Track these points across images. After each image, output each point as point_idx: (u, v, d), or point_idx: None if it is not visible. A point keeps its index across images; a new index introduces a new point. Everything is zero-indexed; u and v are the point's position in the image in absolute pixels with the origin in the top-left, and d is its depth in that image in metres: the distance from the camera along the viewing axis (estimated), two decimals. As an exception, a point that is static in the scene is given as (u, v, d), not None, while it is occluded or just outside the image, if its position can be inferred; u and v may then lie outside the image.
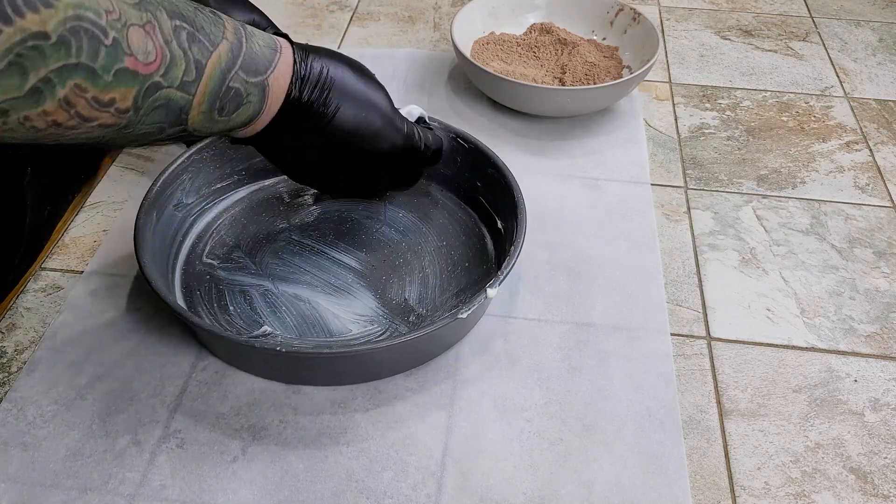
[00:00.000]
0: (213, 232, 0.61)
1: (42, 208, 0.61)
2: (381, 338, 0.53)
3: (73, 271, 0.59)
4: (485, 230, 0.62)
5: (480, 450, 0.48)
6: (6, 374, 0.51)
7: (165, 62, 0.36)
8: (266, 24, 0.61)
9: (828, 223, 0.66)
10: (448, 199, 0.64)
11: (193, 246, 0.59)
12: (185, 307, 0.53)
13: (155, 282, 0.49)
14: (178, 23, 0.37)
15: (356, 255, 0.59)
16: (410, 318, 0.54)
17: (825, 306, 0.58)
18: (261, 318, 0.54)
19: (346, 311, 0.55)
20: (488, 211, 0.61)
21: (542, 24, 0.83)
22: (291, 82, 0.45)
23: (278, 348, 0.46)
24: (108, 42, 0.32)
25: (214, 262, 0.58)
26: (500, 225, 0.59)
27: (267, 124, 0.46)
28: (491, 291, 0.49)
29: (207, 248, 0.59)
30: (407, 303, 0.55)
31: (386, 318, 0.54)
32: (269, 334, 0.50)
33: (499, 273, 0.51)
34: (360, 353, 0.48)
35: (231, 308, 0.55)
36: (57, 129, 0.34)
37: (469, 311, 0.48)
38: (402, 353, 0.50)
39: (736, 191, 0.69)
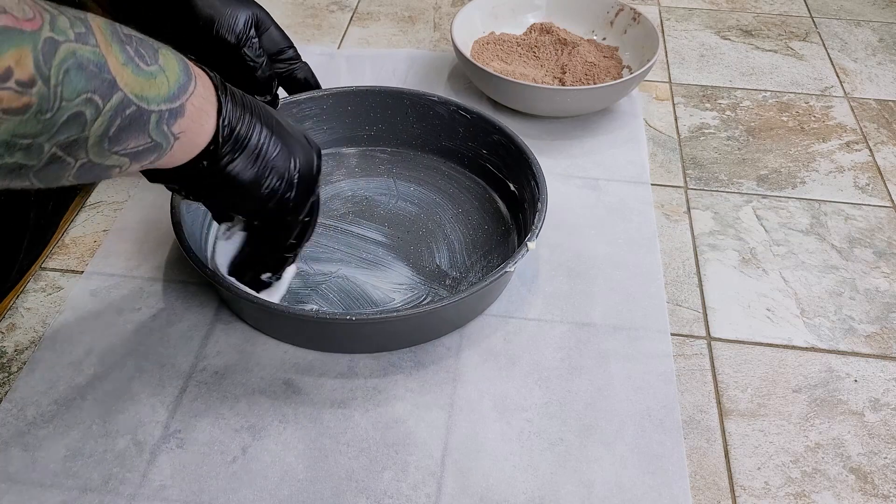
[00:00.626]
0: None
1: (44, 208, 0.61)
2: (424, 302, 0.55)
3: (73, 271, 0.59)
4: (495, 194, 0.65)
5: (480, 450, 0.48)
6: (6, 374, 0.51)
7: (46, 17, 0.30)
8: (269, 23, 0.61)
9: (828, 223, 0.66)
10: (453, 169, 0.68)
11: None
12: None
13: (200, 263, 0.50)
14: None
15: (380, 230, 0.62)
16: (447, 283, 0.57)
17: (825, 306, 0.58)
18: (303, 298, 0.56)
19: (384, 282, 0.57)
20: (495, 175, 0.65)
21: (542, 24, 0.83)
22: (218, 121, 0.40)
23: (349, 317, 0.49)
24: None
25: None
26: (513, 187, 0.62)
27: (210, 140, 0.40)
28: (531, 244, 0.53)
29: None
30: (440, 268, 0.58)
31: (424, 285, 0.57)
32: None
33: (533, 227, 0.54)
34: (427, 312, 0.50)
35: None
36: None
37: (515, 264, 0.51)
38: (458, 311, 0.53)
39: (736, 191, 0.69)
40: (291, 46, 0.64)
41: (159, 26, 0.59)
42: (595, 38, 0.83)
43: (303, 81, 0.65)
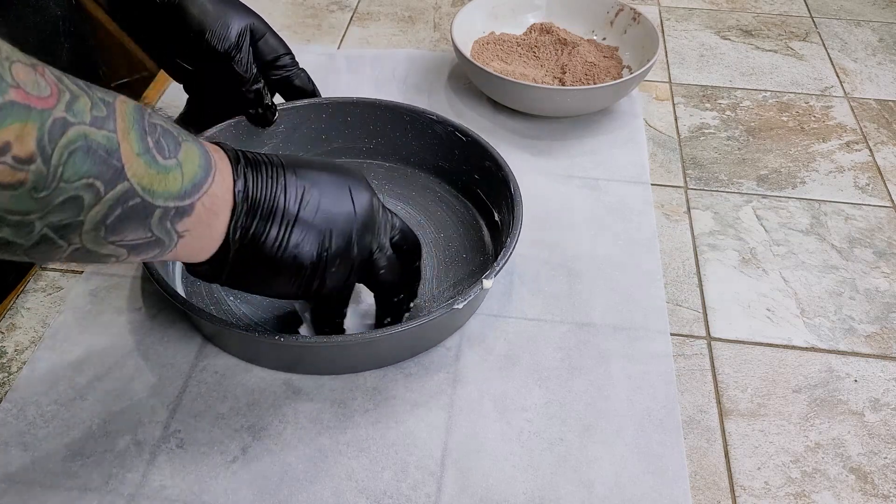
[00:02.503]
0: None
1: None
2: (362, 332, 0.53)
3: (73, 271, 0.59)
4: (482, 222, 0.63)
5: (480, 450, 0.48)
6: (6, 374, 0.51)
7: (65, 96, 0.29)
8: (265, 30, 0.61)
9: (828, 223, 0.66)
10: (446, 191, 0.66)
11: None
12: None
13: (159, 278, 0.50)
14: (69, 75, 0.31)
15: None
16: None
17: (825, 306, 0.58)
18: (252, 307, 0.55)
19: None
20: (485, 203, 0.62)
21: (542, 24, 0.83)
22: (232, 216, 0.39)
23: (278, 339, 0.47)
24: None
25: None
26: (497, 217, 0.60)
27: (219, 246, 0.40)
28: (487, 283, 0.50)
29: None
30: None
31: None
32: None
33: (494, 264, 0.51)
34: (355, 342, 0.49)
35: (230, 301, 0.55)
36: None
37: (465, 302, 0.49)
38: (398, 343, 0.51)
39: (736, 191, 0.69)
40: (288, 53, 0.63)
41: (152, 32, 0.59)
42: (595, 38, 0.83)
43: (299, 88, 0.64)
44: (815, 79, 0.85)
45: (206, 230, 0.38)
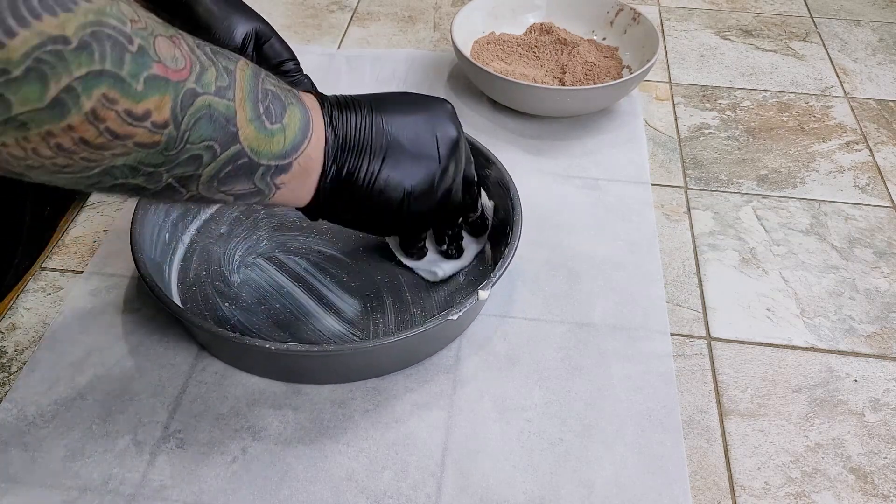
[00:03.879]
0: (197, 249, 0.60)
1: (42, 208, 0.61)
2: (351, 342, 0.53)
3: (73, 271, 0.59)
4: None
5: (480, 450, 0.48)
6: (6, 374, 0.51)
7: (196, 69, 0.34)
8: (270, 34, 0.61)
9: (828, 223, 0.66)
10: None
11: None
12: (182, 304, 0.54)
13: (152, 282, 0.49)
14: (199, 41, 0.36)
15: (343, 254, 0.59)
16: (405, 317, 0.55)
17: (825, 306, 0.58)
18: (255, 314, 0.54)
19: (332, 314, 0.55)
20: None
21: (542, 24, 0.83)
22: (325, 155, 0.44)
23: (269, 347, 0.46)
24: (133, 49, 0.30)
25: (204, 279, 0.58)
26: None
27: (312, 196, 0.44)
28: (483, 293, 0.50)
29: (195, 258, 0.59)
30: (401, 303, 0.56)
31: (365, 318, 0.54)
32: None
33: (491, 275, 0.51)
34: (351, 352, 0.48)
35: (225, 308, 0.55)
36: (87, 149, 0.31)
37: (460, 313, 0.48)
38: (395, 352, 0.50)
39: (736, 191, 0.69)
40: (293, 59, 0.63)
41: None
42: (595, 38, 0.83)
43: None
44: (815, 79, 0.85)
45: (300, 183, 0.42)
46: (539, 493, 0.46)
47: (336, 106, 0.45)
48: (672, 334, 0.55)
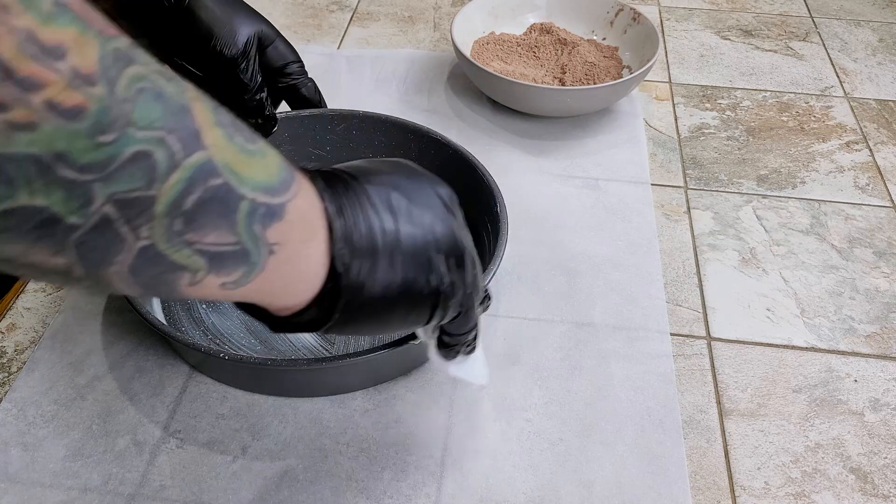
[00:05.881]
0: None
1: None
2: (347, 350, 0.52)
3: (73, 271, 0.59)
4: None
5: (480, 450, 0.48)
6: (6, 374, 0.51)
7: (127, 41, 0.23)
8: (274, 36, 0.60)
9: (828, 223, 0.66)
10: None
11: None
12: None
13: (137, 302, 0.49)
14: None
15: None
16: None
17: (825, 306, 0.58)
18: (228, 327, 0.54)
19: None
20: (471, 217, 0.59)
21: (542, 24, 0.83)
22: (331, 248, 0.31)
23: (239, 359, 0.46)
24: None
25: None
26: (490, 228, 0.57)
27: (325, 274, 0.31)
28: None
29: None
30: None
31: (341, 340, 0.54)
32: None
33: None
34: (320, 368, 0.47)
35: (207, 320, 0.55)
36: None
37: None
38: (364, 368, 0.49)
39: (736, 191, 0.69)
40: (297, 61, 0.62)
41: (159, 35, 0.59)
42: (595, 38, 0.83)
43: (305, 98, 0.63)
44: (815, 79, 0.85)
45: (297, 253, 0.29)
46: (539, 492, 0.46)
47: (317, 173, 0.33)
48: (672, 334, 0.55)
